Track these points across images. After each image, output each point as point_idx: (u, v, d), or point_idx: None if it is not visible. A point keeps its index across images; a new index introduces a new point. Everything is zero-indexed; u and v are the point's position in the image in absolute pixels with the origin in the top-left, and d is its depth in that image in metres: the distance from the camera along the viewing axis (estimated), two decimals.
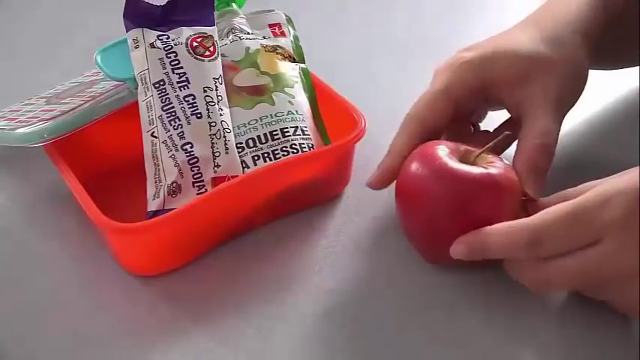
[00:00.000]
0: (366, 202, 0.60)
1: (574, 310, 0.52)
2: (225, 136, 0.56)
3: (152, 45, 0.57)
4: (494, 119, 0.61)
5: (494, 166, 0.52)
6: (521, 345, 0.50)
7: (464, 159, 0.52)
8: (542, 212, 0.48)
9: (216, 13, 0.61)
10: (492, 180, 0.51)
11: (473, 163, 0.52)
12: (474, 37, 0.58)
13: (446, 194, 0.51)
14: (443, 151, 0.52)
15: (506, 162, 0.53)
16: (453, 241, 0.51)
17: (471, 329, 0.51)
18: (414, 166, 0.53)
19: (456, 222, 0.51)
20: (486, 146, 0.53)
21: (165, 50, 0.57)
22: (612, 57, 0.64)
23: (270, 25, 0.63)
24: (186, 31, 0.59)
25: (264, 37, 0.62)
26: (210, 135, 0.56)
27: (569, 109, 0.56)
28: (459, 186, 0.50)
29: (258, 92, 0.59)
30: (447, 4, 0.88)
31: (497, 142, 0.53)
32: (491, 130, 0.60)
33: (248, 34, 0.62)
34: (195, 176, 0.55)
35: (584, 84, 0.56)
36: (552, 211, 0.48)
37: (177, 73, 0.57)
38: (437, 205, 0.51)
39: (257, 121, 0.58)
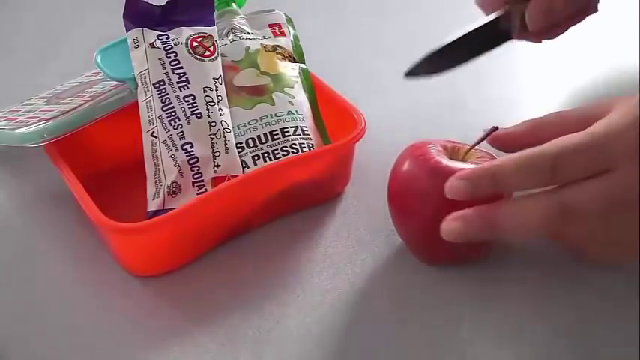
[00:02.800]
0: (366, 202, 0.60)
1: (572, 309, 0.52)
2: (225, 136, 0.56)
3: (152, 45, 0.57)
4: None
5: (485, 161, 0.52)
6: (520, 343, 0.50)
7: (454, 156, 0.52)
8: (552, 141, 0.48)
9: (216, 13, 0.61)
10: None
11: (463, 160, 0.52)
12: None
13: (444, 193, 0.50)
14: (434, 149, 0.52)
15: (494, 156, 0.53)
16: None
17: (471, 329, 0.51)
18: (407, 167, 0.52)
19: None
20: (475, 142, 0.53)
21: (165, 50, 0.57)
22: None
23: (270, 25, 0.63)
24: (186, 31, 0.59)
25: (264, 37, 0.62)
26: (210, 135, 0.56)
27: None
28: None
29: (258, 92, 0.59)
30: (447, 4, 0.88)
31: (484, 137, 0.53)
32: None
33: (248, 34, 0.62)
34: (195, 176, 0.55)
35: None
36: (566, 139, 0.47)
37: (177, 73, 0.57)
38: (435, 205, 0.50)
39: (257, 121, 0.58)
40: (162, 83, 0.56)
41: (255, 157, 0.57)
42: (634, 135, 0.47)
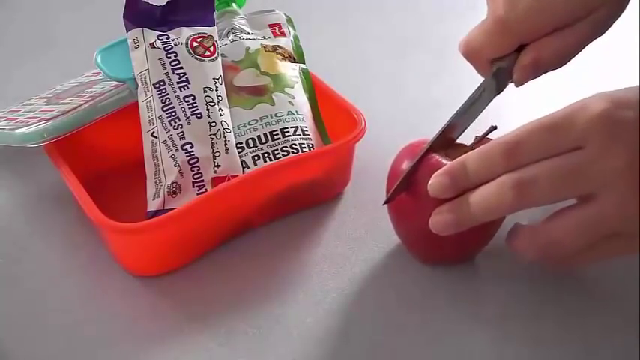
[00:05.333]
0: (366, 202, 0.60)
1: (571, 309, 0.52)
2: (225, 136, 0.56)
3: (152, 45, 0.57)
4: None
5: None
6: (518, 342, 0.50)
7: (452, 156, 0.52)
8: (515, 129, 0.47)
9: (216, 13, 0.61)
10: None
11: None
12: None
13: None
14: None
15: None
16: (451, 240, 0.51)
17: (470, 327, 0.51)
18: (405, 166, 0.52)
19: None
20: (473, 141, 0.53)
21: (166, 50, 0.57)
22: None
23: (270, 25, 0.63)
24: (186, 31, 0.59)
25: (264, 37, 0.62)
26: (210, 135, 0.56)
27: None
28: None
29: (258, 92, 0.59)
30: (447, 4, 0.88)
31: (483, 136, 0.53)
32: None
33: (248, 34, 0.62)
34: (195, 176, 0.55)
35: None
36: (525, 125, 0.46)
37: (177, 74, 0.57)
38: (433, 204, 0.50)
39: (257, 121, 0.58)
40: (162, 83, 0.56)
41: (255, 158, 0.57)
42: (603, 103, 0.44)
